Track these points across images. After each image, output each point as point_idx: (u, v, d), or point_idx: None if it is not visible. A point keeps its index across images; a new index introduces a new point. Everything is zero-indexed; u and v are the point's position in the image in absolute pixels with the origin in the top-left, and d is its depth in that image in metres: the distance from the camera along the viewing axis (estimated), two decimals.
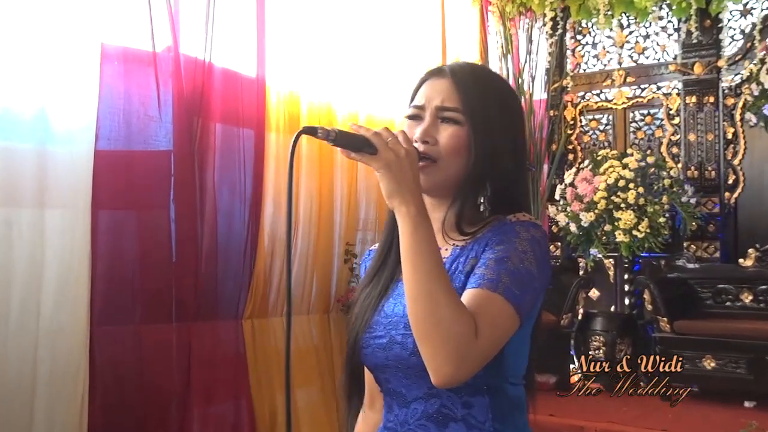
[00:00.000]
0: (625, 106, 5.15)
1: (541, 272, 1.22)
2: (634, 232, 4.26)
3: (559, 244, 5.07)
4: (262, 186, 3.77)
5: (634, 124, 5.17)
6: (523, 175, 1.36)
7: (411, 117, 1.34)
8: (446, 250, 1.31)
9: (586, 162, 4.64)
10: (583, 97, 5.33)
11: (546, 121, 5.31)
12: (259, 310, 3.77)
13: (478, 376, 1.16)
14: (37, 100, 2.94)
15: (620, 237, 4.28)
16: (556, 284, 4.45)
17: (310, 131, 1.16)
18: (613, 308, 4.77)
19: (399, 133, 1.21)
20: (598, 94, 5.30)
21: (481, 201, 1.32)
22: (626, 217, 4.24)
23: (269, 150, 3.81)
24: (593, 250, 4.47)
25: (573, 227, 4.51)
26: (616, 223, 4.30)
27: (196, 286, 3.45)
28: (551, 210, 4.76)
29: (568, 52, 5.35)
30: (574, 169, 4.69)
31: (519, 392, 1.30)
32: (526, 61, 5.30)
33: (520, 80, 5.26)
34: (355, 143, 1.18)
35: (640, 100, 5.12)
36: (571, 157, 5.31)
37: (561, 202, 4.64)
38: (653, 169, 4.44)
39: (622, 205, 4.28)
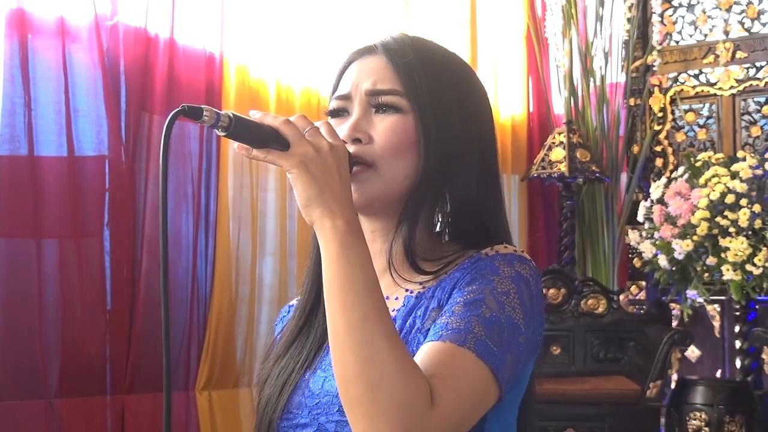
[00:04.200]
0: (733, 91, 5.11)
1: (529, 324, 1.19)
2: (748, 267, 4.21)
3: (644, 284, 5.02)
4: (225, 203, 3.79)
5: (746, 117, 5.12)
6: (494, 186, 1.34)
7: (333, 113, 1.32)
8: (396, 299, 1.29)
9: (681, 170, 4.61)
10: (675, 80, 5.30)
11: (624, 113, 5.29)
12: (220, 378, 3.76)
13: None
14: None
15: (729, 274, 4.23)
16: (640, 340, 4.38)
17: (192, 113, 1.10)
18: (719, 373, 4.74)
19: (322, 124, 1.19)
20: (696, 76, 5.26)
21: (438, 221, 1.30)
22: (737, 246, 4.19)
23: (230, 154, 3.83)
24: (691, 293, 4.43)
25: (663, 260, 4.46)
26: (722, 255, 4.25)
27: (131, 343, 3.44)
28: (632, 236, 4.72)
29: (655, 18, 5.31)
30: (663, 180, 4.65)
31: None
32: (596, 32, 5.27)
33: (588, 57, 5.22)
34: (258, 136, 1.14)
35: (754, 83, 5.07)
36: (659, 162, 5.28)
37: (646, 226, 4.61)
38: None
39: (732, 230, 4.23)
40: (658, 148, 5.31)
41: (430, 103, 1.26)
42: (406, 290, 1.28)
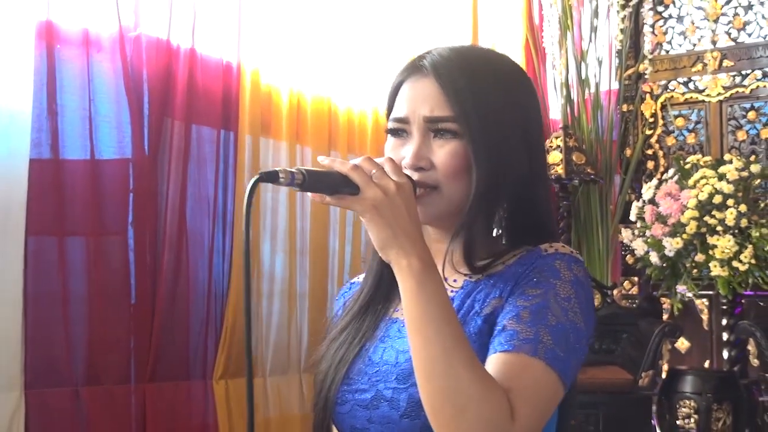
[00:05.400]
0: (721, 98, 5.09)
1: (588, 325, 1.23)
2: (735, 264, 4.20)
3: (636, 279, 5.00)
4: (242, 204, 3.73)
5: (733, 122, 5.09)
6: (543, 187, 1.36)
7: (393, 132, 1.33)
8: (455, 281, 1.32)
9: (671, 172, 4.59)
10: (665, 87, 5.28)
11: (617, 118, 5.27)
12: (236, 368, 3.75)
13: None
14: None
15: (716, 270, 4.22)
16: (632, 332, 4.37)
17: (270, 177, 1.13)
18: (707, 364, 4.72)
19: (386, 162, 1.20)
20: (685, 83, 5.24)
21: (495, 224, 1.32)
22: (724, 244, 4.17)
23: (246, 159, 3.83)
24: (681, 288, 4.41)
25: (654, 257, 4.44)
26: (710, 252, 4.24)
27: (152, 335, 3.44)
28: (625, 234, 4.69)
29: (646, 29, 5.30)
30: (654, 182, 4.64)
31: None
32: (590, 41, 5.26)
33: (583, 66, 5.21)
34: (329, 184, 1.16)
35: (740, 90, 5.05)
36: (650, 165, 5.26)
37: (638, 225, 4.59)
38: (759, 180, 4.35)
39: (719, 228, 4.22)
40: (650, 152, 5.30)
41: (479, 125, 1.26)
42: (465, 275, 1.31)
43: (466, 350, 1.13)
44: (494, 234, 1.32)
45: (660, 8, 5.33)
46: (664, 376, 4.58)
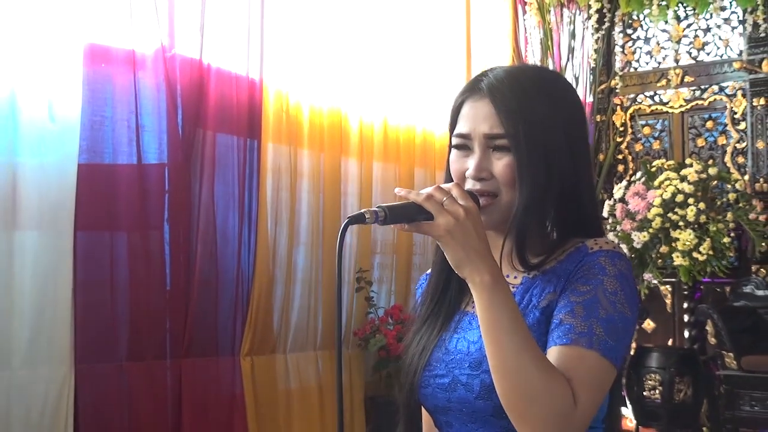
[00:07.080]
0: (682, 109, 5.10)
1: (633, 313, 1.24)
2: (695, 255, 4.19)
3: None
4: (264, 202, 3.79)
5: (693, 131, 5.11)
6: (585, 187, 1.34)
7: (457, 147, 1.34)
8: (515, 278, 1.33)
9: (639, 174, 4.59)
10: (634, 100, 5.29)
11: (592, 127, 5.28)
12: (260, 346, 3.76)
13: None
14: (10, 105, 2.95)
15: (678, 260, 4.22)
16: None
17: (358, 219, 1.16)
18: (670, 342, 4.72)
19: (453, 188, 1.21)
20: (651, 97, 5.25)
21: (548, 224, 1.33)
22: (685, 237, 4.17)
23: (268, 163, 3.84)
24: (647, 275, 4.41)
25: (624, 249, 4.43)
26: (673, 244, 4.24)
27: (187, 317, 3.45)
28: None
29: (617, 49, 5.32)
30: (624, 183, 4.64)
31: None
32: (568, 60, 5.27)
33: None
34: (406, 214, 1.18)
35: (699, 102, 5.06)
36: (621, 168, 5.27)
37: (610, 221, 4.59)
38: (716, 181, 4.37)
39: (681, 224, 4.22)
40: (620, 156, 5.31)
41: (526, 141, 1.27)
42: (522, 272, 1.32)
43: (533, 350, 1.16)
44: (547, 230, 1.33)
45: (629, 31, 5.34)
46: (632, 353, 4.59)
